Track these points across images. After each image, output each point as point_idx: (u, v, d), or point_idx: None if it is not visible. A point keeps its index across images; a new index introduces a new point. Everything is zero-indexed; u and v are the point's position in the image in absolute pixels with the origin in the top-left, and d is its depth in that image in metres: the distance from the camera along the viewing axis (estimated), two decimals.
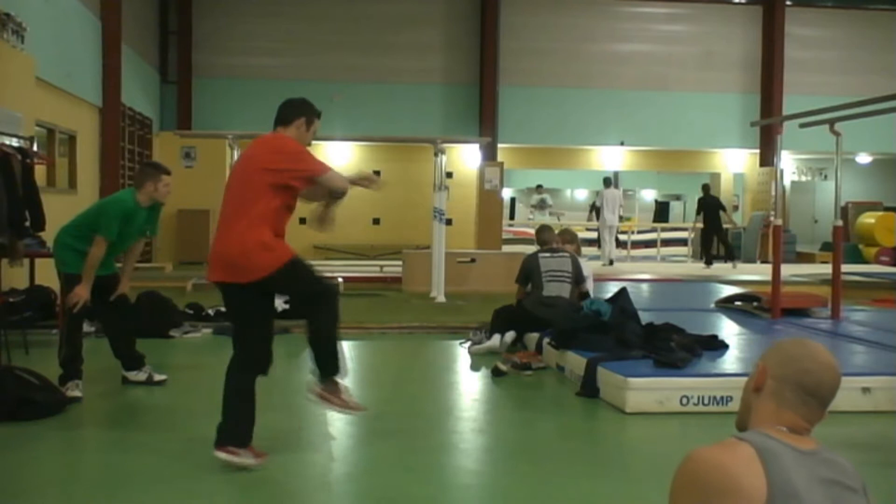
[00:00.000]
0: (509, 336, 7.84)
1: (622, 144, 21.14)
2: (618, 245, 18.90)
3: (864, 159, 23.54)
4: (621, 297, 7.57)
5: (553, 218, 22.71)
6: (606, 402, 5.92)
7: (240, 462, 4.32)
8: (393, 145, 18.88)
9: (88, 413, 5.70)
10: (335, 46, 19.65)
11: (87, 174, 13.31)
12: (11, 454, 4.71)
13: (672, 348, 6.40)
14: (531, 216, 24.56)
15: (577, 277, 8.15)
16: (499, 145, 19.80)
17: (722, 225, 18.49)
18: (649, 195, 28.29)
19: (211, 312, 9.39)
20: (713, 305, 10.07)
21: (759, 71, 21.01)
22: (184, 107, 19.22)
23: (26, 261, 8.43)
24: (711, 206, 18.34)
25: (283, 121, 4.63)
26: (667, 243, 21.73)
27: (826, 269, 11.46)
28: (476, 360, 7.59)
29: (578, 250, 8.68)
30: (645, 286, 13.29)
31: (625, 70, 20.58)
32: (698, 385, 5.76)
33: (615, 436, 5.43)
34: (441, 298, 11.84)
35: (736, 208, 23.02)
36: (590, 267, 8.83)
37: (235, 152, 11.77)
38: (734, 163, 22.51)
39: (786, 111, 18.53)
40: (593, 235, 19.17)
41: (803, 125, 9.35)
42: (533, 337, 7.70)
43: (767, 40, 20.86)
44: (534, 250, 8.54)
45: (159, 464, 4.48)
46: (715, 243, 18.44)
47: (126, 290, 6.30)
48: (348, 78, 19.52)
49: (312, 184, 4.53)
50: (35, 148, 8.94)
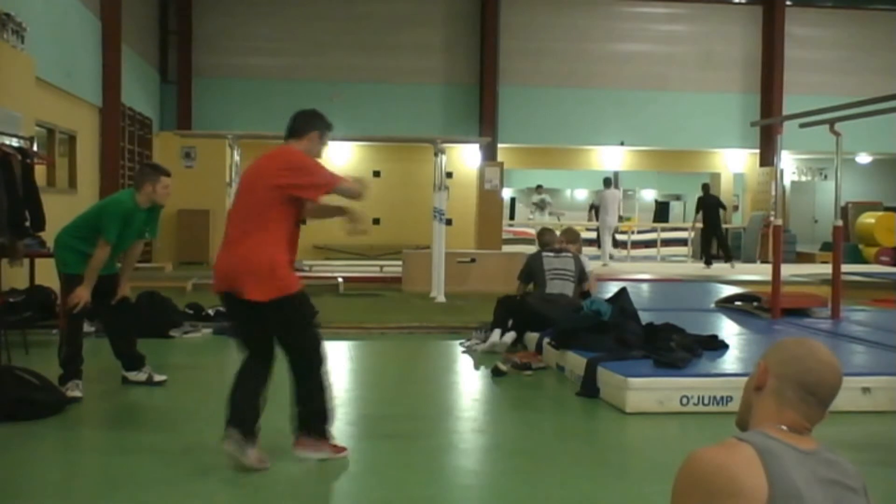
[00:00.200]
0: (509, 336, 7.86)
1: (622, 144, 21.13)
2: (616, 245, 18.88)
3: (864, 159, 23.54)
4: (621, 297, 7.58)
5: (553, 218, 22.69)
6: (606, 402, 5.92)
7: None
8: (393, 145, 18.88)
9: (88, 413, 5.70)
10: (335, 46, 19.65)
11: (87, 174, 13.31)
12: (11, 454, 4.71)
13: (672, 348, 6.40)
14: (531, 216, 24.54)
15: (580, 276, 8.22)
16: (499, 145, 19.80)
17: (721, 225, 18.51)
18: (649, 195, 28.28)
19: (211, 312, 9.38)
20: (713, 305, 10.07)
21: (759, 71, 21.00)
22: (184, 107, 19.21)
23: (26, 261, 8.43)
24: (711, 206, 18.35)
25: (296, 133, 4.59)
26: (667, 243, 21.72)
27: (826, 269, 11.45)
28: (476, 360, 7.59)
29: (580, 250, 8.72)
30: (645, 286, 13.28)
31: (625, 70, 20.58)
32: (698, 385, 5.76)
33: (615, 436, 5.43)
34: (441, 298, 11.84)
35: (736, 208, 23.04)
36: (590, 265, 8.88)
37: (235, 152, 11.78)
38: (734, 163, 22.51)
39: (786, 111, 18.52)
40: (593, 235, 19.17)
41: (803, 125, 9.35)
42: (533, 337, 7.71)
43: (767, 40, 20.86)
44: (537, 250, 8.63)
45: (159, 464, 4.48)
46: (714, 244, 18.45)
47: (127, 292, 6.30)
48: (348, 78, 19.52)
49: (323, 194, 4.47)
50: (35, 148, 8.94)
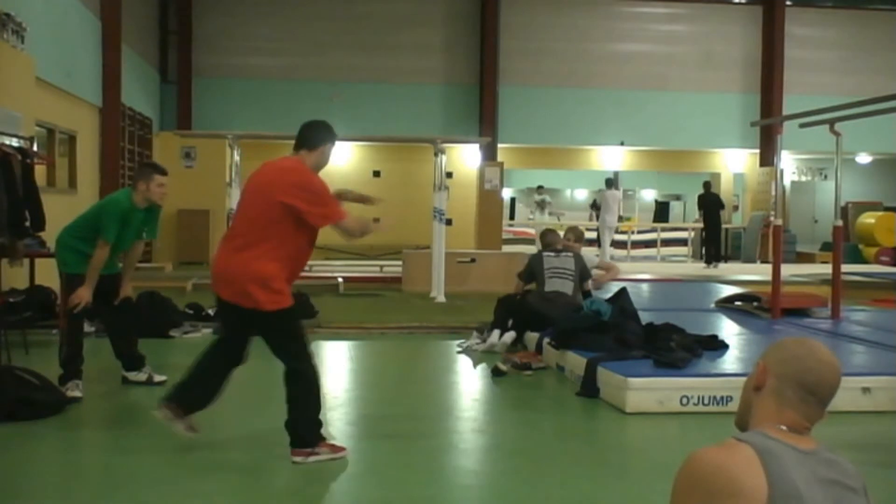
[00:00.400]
0: (509, 336, 7.87)
1: (622, 144, 21.13)
2: (614, 245, 18.88)
3: (864, 159, 23.54)
4: (621, 297, 7.59)
5: (553, 218, 22.70)
6: (606, 402, 5.92)
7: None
8: (393, 145, 18.88)
9: (88, 413, 5.70)
10: (335, 46, 19.65)
11: (87, 174, 13.31)
12: (11, 454, 4.71)
13: (672, 348, 6.40)
14: (531, 216, 24.56)
15: (581, 275, 8.21)
16: (499, 145, 19.80)
17: (720, 224, 18.51)
18: (649, 195, 28.29)
19: (211, 312, 9.36)
20: (713, 305, 10.07)
21: (759, 71, 21.01)
22: (184, 107, 19.21)
23: (26, 261, 8.43)
24: (712, 204, 18.37)
25: (309, 144, 4.60)
26: (667, 243, 21.73)
27: (826, 269, 11.46)
28: (476, 360, 7.59)
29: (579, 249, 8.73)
30: (645, 286, 13.28)
31: (625, 70, 20.58)
32: (698, 385, 5.76)
33: (615, 436, 5.43)
34: (441, 298, 11.84)
35: (736, 208, 23.04)
36: (595, 260, 8.89)
37: (235, 152, 11.77)
38: (734, 163, 22.52)
39: (786, 111, 18.52)
40: (593, 235, 19.16)
41: (803, 125, 9.35)
42: (533, 337, 7.71)
43: (767, 40, 20.86)
44: (538, 250, 8.65)
45: (159, 464, 4.48)
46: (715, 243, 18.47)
47: (129, 293, 6.30)
48: (348, 78, 19.52)
49: (325, 225, 4.52)
50: (35, 148, 8.94)
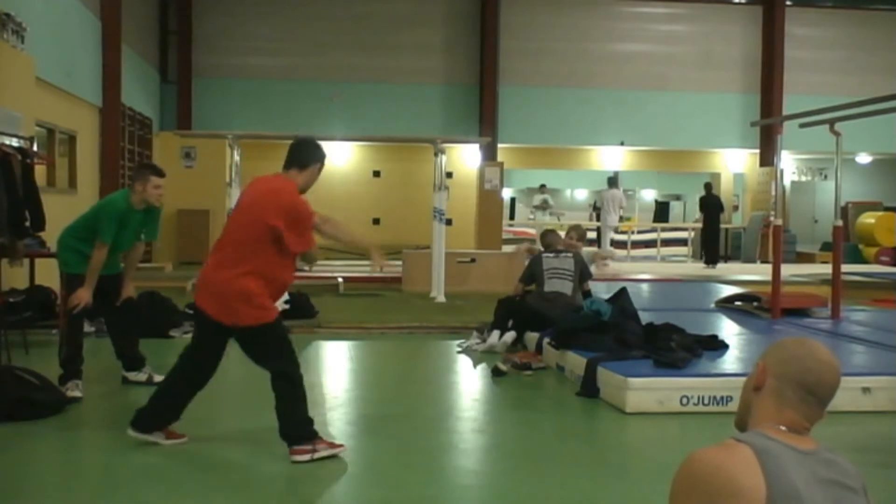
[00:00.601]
0: (509, 336, 7.87)
1: (622, 144, 21.13)
2: (613, 245, 18.88)
3: (864, 159, 23.53)
4: (621, 297, 7.59)
5: (553, 218, 22.69)
6: (606, 402, 5.92)
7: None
8: (393, 145, 18.88)
9: (88, 413, 5.70)
10: (335, 46, 19.65)
11: (87, 174, 13.31)
12: (11, 454, 4.72)
13: (672, 348, 6.40)
14: (531, 216, 24.55)
15: (582, 276, 8.22)
16: (499, 145, 19.79)
17: (719, 226, 18.53)
18: (649, 195, 28.29)
19: None
20: (713, 305, 10.07)
21: (759, 71, 21.00)
22: (184, 107, 19.21)
23: (26, 261, 8.43)
24: (712, 206, 18.40)
25: (301, 164, 4.63)
26: (667, 243, 21.73)
27: (826, 269, 11.46)
28: (476, 360, 7.59)
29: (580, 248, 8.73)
30: (645, 286, 13.28)
31: (625, 70, 20.58)
32: (698, 385, 5.76)
33: (615, 436, 5.43)
34: (441, 298, 11.84)
35: (736, 208, 23.04)
36: (589, 253, 8.87)
37: (235, 152, 11.77)
38: (734, 163, 22.51)
39: (786, 111, 18.52)
40: (592, 235, 19.17)
41: (803, 125, 9.36)
42: (533, 337, 7.71)
43: (767, 40, 20.86)
44: (539, 251, 8.65)
45: (159, 464, 4.47)
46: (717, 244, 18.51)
47: (131, 293, 6.30)
48: (348, 78, 19.52)
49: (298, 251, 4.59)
50: (35, 148, 8.94)
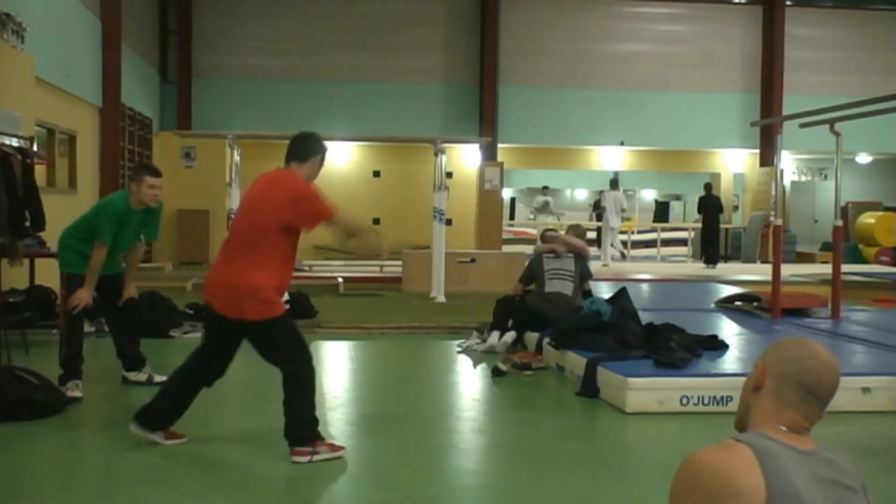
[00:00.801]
0: (509, 336, 7.87)
1: (622, 144, 21.13)
2: (612, 246, 18.87)
3: (864, 159, 23.53)
4: (621, 297, 7.59)
5: (553, 218, 22.69)
6: (606, 402, 5.92)
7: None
8: (393, 145, 18.87)
9: (88, 413, 5.70)
10: (335, 46, 19.65)
11: (87, 174, 13.31)
12: (11, 454, 4.72)
13: (672, 348, 6.40)
14: (531, 216, 24.55)
15: (582, 276, 8.21)
16: (499, 145, 19.79)
17: (719, 226, 18.53)
18: (649, 195, 28.28)
19: None
20: (713, 305, 10.07)
21: (759, 71, 21.00)
22: (184, 107, 19.21)
23: (26, 261, 8.43)
24: (712, 206, 18.41)
25: (300, 157, 4.64)
26: (667, 243, 21.73)
27: (826, 269, 11.46)
28: (476, 360, 7.59)
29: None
30: (645, 286, 13.29)
31: (625, 70, 20.58)
32: (698, 385, 5.76)
33: (615, 436, 5.43)
34: (441, 298, 11.84)
35: (736, 208, 23.04)
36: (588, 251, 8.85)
37: (235, 152, 11.77)
38: (734, 163, 22.51)
39: (786, 111, 18.52)
40: (592, 235, 19.16)
41: (803, 125, 9.36)
42: (533, 337, 7.71)
43: (767, 40, 20.86)
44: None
45: (159, 464, 4.47)
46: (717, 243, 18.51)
47: (133, 293, 6.30)
48: (348, 78, 19.52)
49: (319, 224, 4.52)
50: (35, 148, 8.93)
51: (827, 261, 12.90)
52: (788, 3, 20.99)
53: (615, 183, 18.66)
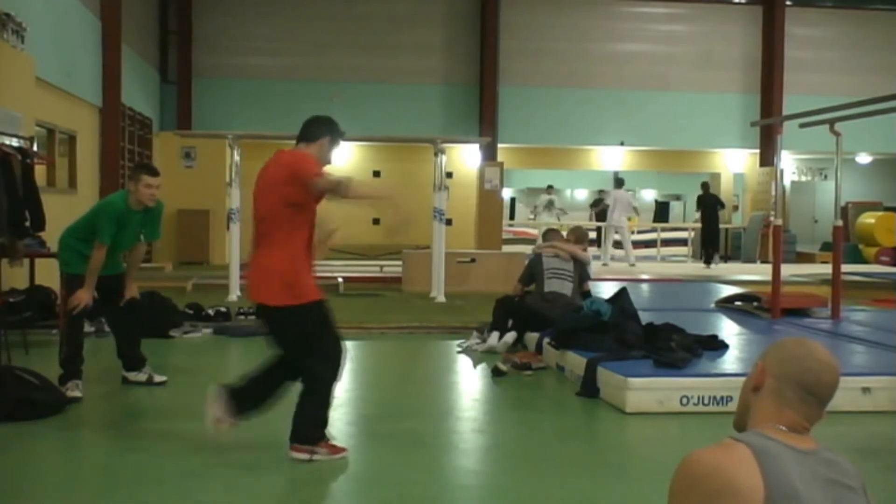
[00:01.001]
0: (510, 336, 7.87)
1: (622, 144, 21.13)
2: (616, 246, 18.81)
3: (864, 159, 23.54)
4: (621, 297, 7.59)
5: (554, 218, 22.70)
6: (606, 402, 5.92)
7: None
8: (393, 145, 18.87)
9: (88, 413, 5.70)
10: (335, 46, 19.65)
11: (87, 174, 13.31)
12: (11, 454, 4.72)
13: (672, 348, 6.40)
14: (531, 216, 24.55)
15: (581, 277, 8.21)
16: (499, 145, 19.79)
17: (718, 224, 18.53)
18: (649, 195, 28.29)
19: (211, 312, 9.39)
20: (713, 305, 10.07)
21: (759, 71, 21.00)
22: (184, 107, 19.21)
23: (26, 261, 8.43)
24: (710, 205, 18.41)
25: (308, 137, 4.59)
26: (667, 243, 21.72)
27: (826, 269, 11.46)
28: (476, 360, 7.59)
29: (586, 250, 8.67)
30: (645, 286, 13.29)
31: (625, 70, 20.57)
32: (698, 385, 5.76)
33: (615, 436, 5.43)
34: (441, 298, 11.84)
35: (736, 208, 23.04)
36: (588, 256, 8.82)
37: (235, 152, 11.77)
38: (734, 163, 22.51)
39: (786, 111, 18.52)
40: (593, 235, 19.14)
41: (803, 125, 9.35)
42: (533, 337, 7.71)
43: (767, 40, 20.86)
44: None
45: (159, 464, 4.48)
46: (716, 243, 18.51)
47: (135, 293, 6.30)
48: (348, 78, 19.52)
49: (313, 180, 4.40)
50: (35, 148, 8.93)
51: (827, 261, 12.89)
52: (788, 3, 20.99)
53: (622, 182, 18.61)
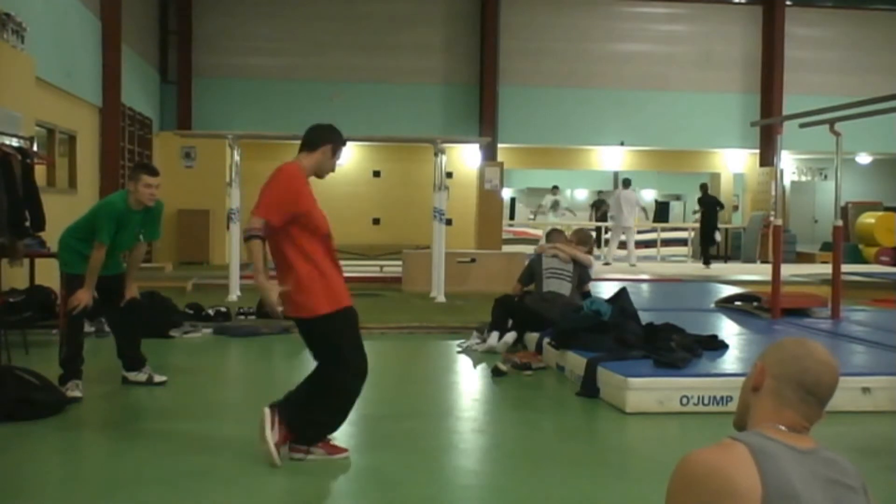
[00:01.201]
0: (510, 336, 7.87)
1: (622, 144, 21.13)
2: (621, 246, 18.80)
3: (864, 159, 23.53)
4: (621, 297, 7.58)
5: (559, 218, 22.70)
6: (606, 402, 5.92)
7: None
8: (393, 145, 18.87)
9: (88, 413, 5.70)
10: (335, 46, 19.65)
11: (87, 174, 13.31)
12: (11, 454, 4.72)
13: (672, 348, 6.40)
14: (531, 216, 24.55)
15: (581, 278, 8.19)
16: (499, 145, 19.79)
17: (717, 225, 18.53)
18: (649, 195, 28.28)
19: (211, 312, 9.38)
20: (713, 305, 10.07)
21: (759, 71, 21.00)
22: (184, 107, 19.21)
23: (26, 261, 8.44)
24: (710, 205, 18.42)
25: (309, 145, 4.56)
26: (667, 243, 21.71)
27: (826, 269, 11.46)
28: (476, 360, 7.59)
29: (591, 251, 8.64)
30: (645, 286, 13.28)
31: (625, 70, 20.57)
32: (698, 385, 5.76)
33: (615, 436, 5.43)
34: (441, 298, 11.84)
35: (736, 208, 23.04)
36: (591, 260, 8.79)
37: (235, 152, 11.78)
38: (734, 163, 22.51)
39: (786, 111, 18.52)
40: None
41: (803, 125, 9.36)
42: (533, 337, 7.71)
43: (767, 40, 20.86)
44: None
45: (159, 464, 4.48)
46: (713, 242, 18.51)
47: (135, 294, 6.30)
48: (348, 78, 19.52)
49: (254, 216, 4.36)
50: (35, 148, 8.93)
51: (827, 261, 12.90)
52: (788, 3, 20.99)
53: (628, 182, 18.61)
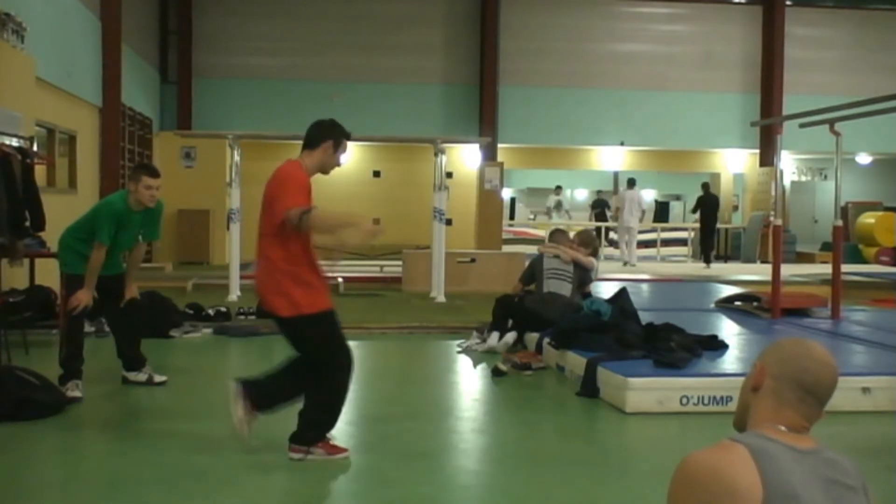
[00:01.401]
0: (510, 337, 7.87)
1: (622, 144, 21.13)
2: (614, 245, 18.86)
3: (864, 159, 23.54)
4: (621, 297, 7.59)
5: (561, 218, 22.71)
6: (606, 402, 5.92)
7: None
8: (393, 145, 18.87)
9: (88, 413, 5.70)
10: (335, 46, 19.65)
11: (87, 174, 13.31)
12: (11, 454, 4.71)
13: (672, 348, 6.40)
14: (531, 216, 24.55)
15: (581, 280, 8.18)
16: (499, 145, 19.80)
17: (716, 225, 18.55)
18: (649, 195, 28.28)
19: (211, 312, 9.38)
20: (713, 305, 10.07)
21: (759, 71, 21.00)
22: (184, 107, 19.21)
23: (26, 261, 8.43)
24: (709, 205, 18.43)
25: (310, 143, 4.54)
26: (667, 243, 21.72)
27: (826, 269, 11.46)
28: (476, 360, 7.59)
29: (595, 253, 8.60)
30: (645, 286, 13.28)
31: (625, 70, 20.57)
32: (698, 385, 5.76)
33: (615, 436, 5.43)
34: (441, 298, 11.84)
35: (736, 208, 23.05)
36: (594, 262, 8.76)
37: (235, 152, 11.78)
38: (734, 163, 22.51)
39: (786, 111, 18.52)
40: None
41: (803, 125, 9.35)
42: (533, 337, 7.71)
43: (767, 40, 20.86)
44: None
45: (159, 464, 4.48)
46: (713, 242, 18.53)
47: (135, 294, 6.30)
48: (348, 78, 19.52)
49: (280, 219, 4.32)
50: (35, 148, 8.93)
51: (827, 261, 12.89)
52: (788, 3, 20.99)
53: (633, 183, 18.62)
